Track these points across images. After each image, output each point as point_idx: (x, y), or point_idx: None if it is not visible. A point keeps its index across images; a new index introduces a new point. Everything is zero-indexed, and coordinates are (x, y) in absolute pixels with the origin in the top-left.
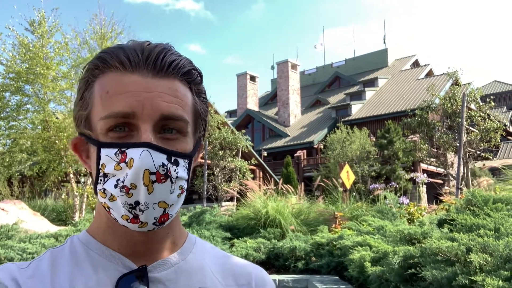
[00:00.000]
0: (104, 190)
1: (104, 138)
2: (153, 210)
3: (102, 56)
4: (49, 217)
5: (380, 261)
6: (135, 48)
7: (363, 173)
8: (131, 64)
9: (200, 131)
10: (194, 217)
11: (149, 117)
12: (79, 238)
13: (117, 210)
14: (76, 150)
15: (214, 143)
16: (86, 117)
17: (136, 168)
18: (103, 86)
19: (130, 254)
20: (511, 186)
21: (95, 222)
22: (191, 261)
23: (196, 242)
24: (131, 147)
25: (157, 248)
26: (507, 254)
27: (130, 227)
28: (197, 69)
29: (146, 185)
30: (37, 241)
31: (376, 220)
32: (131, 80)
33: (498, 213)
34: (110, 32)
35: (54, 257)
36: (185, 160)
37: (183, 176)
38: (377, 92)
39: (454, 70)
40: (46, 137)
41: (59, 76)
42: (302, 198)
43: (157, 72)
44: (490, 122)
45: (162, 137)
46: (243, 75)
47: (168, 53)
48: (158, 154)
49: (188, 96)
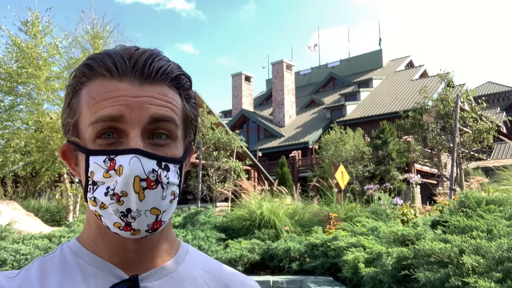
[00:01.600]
0: (94, 198)
1: (92, 146)
2: (145, 217)
3: (89, 63)
4: (42, 218)
5: (373, 262)
6: (122, 54)
7: (358, 174)
8: (119, 72)
9: (190, 136)
10: (188, 218)
11: (138, 121)
12: (69, 247)
13: (109, 218)
14: (65, 157)
15: (208, 143)
16: (73, 124)
17: (126, 175)
18: (90, 93)
19: (121, 263)
20: (505, 186)
21: (85, 230)
22: (184, 271)
23: (188, 251)
24: (120, 154)
25: (149, 256)
26: (500, 255)
27: (122, 235)
28: (186, 74)
29: (136, 192)
30: (31, 242)
31: (370, 221)
32: (119, 87)
33: (491, 215)
34: (101, 32)
35: (43, 266)
36: (176, 165)
37: (174, 182)
38: (372, 93)
39: (446, 72)
40: (40, 137)
41: (52, 76)
42: (296, 199)
43: (145, 78)
44: (483, 123)
45: (152, 143)
46: (238, 75)
47: (156, 59)
48: (148, 160)
49: (178, 101)
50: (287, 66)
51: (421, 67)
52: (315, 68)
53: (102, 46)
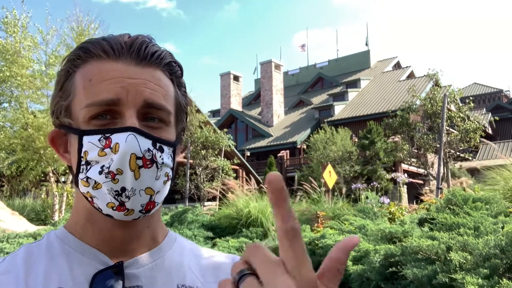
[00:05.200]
0: (87, 178)
1: (86, 126)
2: (139, 197)
3: (85, 46)
4: (28, 217)
5: (361, 260)
6: (118, 38)
7: (345, 174)
8: (115, 53)
9: (181, 123)
10: (176, 217)
11: (133, 103)
12: (56, 234)
13: (102, 198)
14: (53, 143)
15: (196, 142)
16: (66, 107)
17: (123, 152)
18: (86, 74)
19: (108, 250)
20: (490, 186)
21: (73, 217)
22: (170, 258)
23: (176, 239)
24: (116, 132)
25: (136, 243)
26: (487, 252)
27: (115, 216)
28: (178, 63)
29: (132, 169)
30: (15, 241)
31: (357, 219)
32: (115, 68)
33: (478, 212)
34: (87, 29)
35: (29, 253)
36: (170, 148)
37: (168, 163)
38: (360, 93)
39: (435, 72)
40: (24, 136)
41: (35, 74)
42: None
43: (140, 60)
44: (470, 123)
45: (145, 124)
46: (226, 74)
47: (150, 44)
48: (144, 139)
49: (170, 87)
50: (276, 66)
51: (408, 68)
52: (303, 68)
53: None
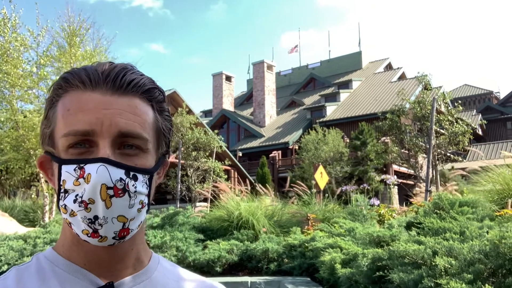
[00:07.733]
0: (65, 206)
1: (64, 155)
2: (112, 225)
3: (66, 76)
4: (17, 217)
5: (350, 263)
6: (97, 68)
7: (336, 175)
8: (91, 83)
9: (162, 147)
10: (167, 219)
11: (108, 134)
12: (45, 255)
13: (78, 225)
14: (42, 167)
15: (187, 143)
16: (49, 135)
17: (93, 183)
18: (65, 104)
19: (96, 271)
20: (479, 188)
21: (61, 239)
22: (156, 280)
23: (159, 261)
24: (89, 162)
25: (122, 265)
26: (471, 257)
27: (90, 242)
28: (159, 88)
29: (103, 199)
30: (5, 243)
31: (347, 222)
32: (91, 98)
33: (464, 217)
34: (78, 29)
35: (20, 275)
36: (145, 176)
37: (142, 191)
38: (351, 94)
39: (424, 74)
40: (14, 136)
41: (25, 73)
42: (275, 199)
43: (117, 89)
44: (459, 125)
45: (122, 152)
46: (218, 75)
47: (128, 72)
48: (115, 169)
49: (149, 114)
50: (268, 67)
51: (400, 69)
52: (295, 69)
53: (79, 43)
